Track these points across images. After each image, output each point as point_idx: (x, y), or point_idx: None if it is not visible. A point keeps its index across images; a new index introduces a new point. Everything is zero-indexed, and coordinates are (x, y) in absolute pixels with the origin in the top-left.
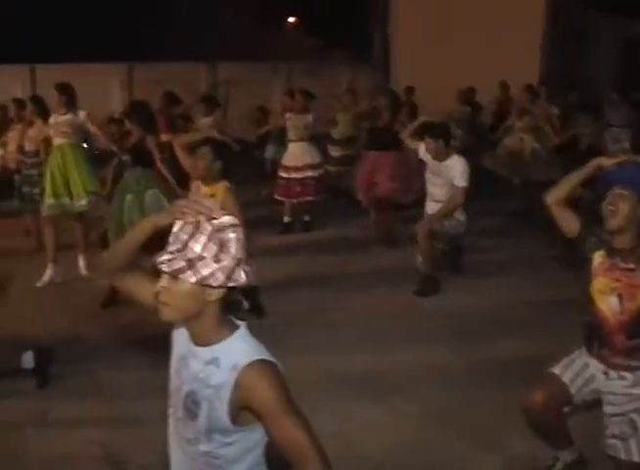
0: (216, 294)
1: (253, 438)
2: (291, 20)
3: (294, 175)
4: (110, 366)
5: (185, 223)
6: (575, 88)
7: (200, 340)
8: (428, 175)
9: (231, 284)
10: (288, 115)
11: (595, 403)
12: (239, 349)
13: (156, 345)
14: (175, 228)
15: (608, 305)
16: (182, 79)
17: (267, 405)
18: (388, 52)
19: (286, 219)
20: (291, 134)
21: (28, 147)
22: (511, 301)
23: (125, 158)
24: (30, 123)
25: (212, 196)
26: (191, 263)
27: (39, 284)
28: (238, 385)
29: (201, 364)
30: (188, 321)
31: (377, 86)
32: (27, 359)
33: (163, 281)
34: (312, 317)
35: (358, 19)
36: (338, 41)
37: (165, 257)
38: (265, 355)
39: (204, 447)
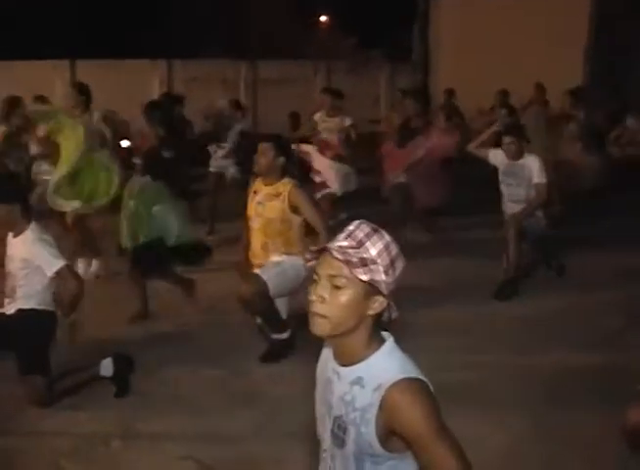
0: (376, 308)
1: (407, 466)
2: (324, 18)
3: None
4: (189, 373)
5: (362, 221)
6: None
7: (346, 359)
8: (502, 177)
9: (391, 302)
10: (317, 115)
11: None
12: (384, 366)
13: (233, 351)
14: (351, 226)
15: None
16: (222, 77)
17: (415, 429)
18: (428, 52)
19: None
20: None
21: None
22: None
23: (138, 162)
24: None
25: (277, 195)
26: (364, 262)
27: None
28: (383, 407)
29: (346, 386)
30: (339, 337)
31: (416, 86)
32: (106, 367)
33: (323, 291)
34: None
35: (398, 18)
36: (377, 40)
37: (338, 245)
38: (413, 373)
39: None
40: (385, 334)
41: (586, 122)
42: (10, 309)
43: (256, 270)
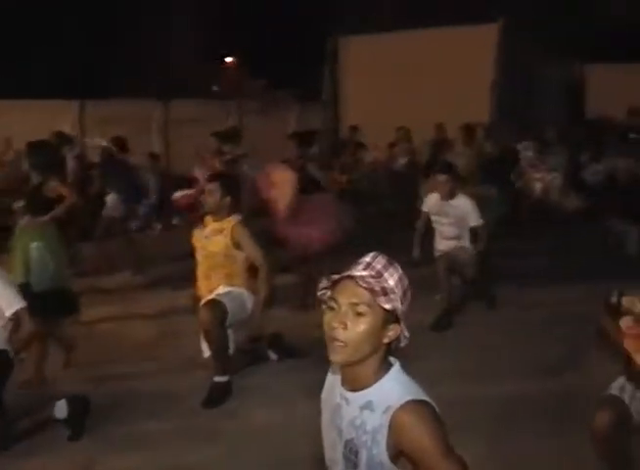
0: (391, 336)
1: None
2: (232, 59)
3: None
4: (147, 415)
5: (377, 253)
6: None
7: (356, 385)
8: (434, 217)
9: (405, 331)
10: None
11: None
12: (392, 389)
13: (190, 393)
14: (367, 258)
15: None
16: (134, 117)
17: (422, 449)
18: (337, 92)
19: None
20: None
21: None
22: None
23: (18, 205)
24: None
25: (221, 231)
26: (385, 291)
27: None
28: (392, 427)
29: (356, 410)
30: (354, 364)
31: (326, 125)
32: (61, 409)
33: (345, 318)
34: None
35: (307, 58)
36: (286, 80)
37: (359, 274)
38: (419, 395)
39: None
40: (391, 359)
41: (489, 157)
42: None
43: (212, 296)
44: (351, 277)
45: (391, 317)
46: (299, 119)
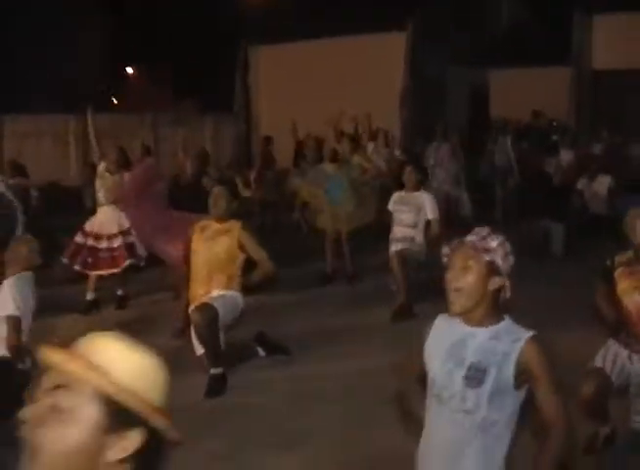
0: (495, 284)
1: (519, 401)
2: (135, 70)
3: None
4: None
5: (484, 227)
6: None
7: (479, 323)
8: (395, 206)
9: (508, 284)
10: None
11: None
12: (516, 327)
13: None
14: (476, 229)
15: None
16: (52, 131)
17: (542, 370)
18: (249, 101)
19: (89, 296)
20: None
21: None
22: None
23: None
24: None
25: (227, 232)
26: (487, 249)
27: None
28: (523, 352)
29: (484, 340)
30: (472, 307)
31: (239, 135)
32: None
33: (458, 273)
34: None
35: (219, 68)
36: (199, 90)
37: (468, 239)
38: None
39: (482, 414)
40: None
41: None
42: None
43: (205, 299)
44: (462, 242)
45: (494, 270)
46: (214, 130)
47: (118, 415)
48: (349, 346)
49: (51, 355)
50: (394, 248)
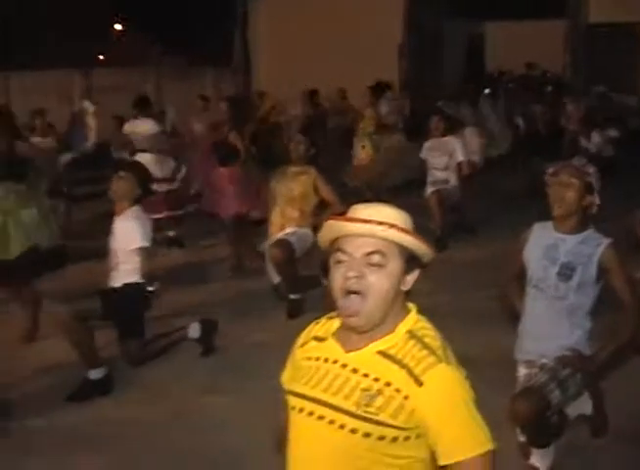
0: (587, 201)
1: (597, 291)
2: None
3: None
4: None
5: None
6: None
7: (569, 230)
8: (427, 153)
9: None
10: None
11: None
12: (597, 235)
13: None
14: (571, 161)
15: None
16: (56, 87)
17: (618, 267)
18: (249, 55)
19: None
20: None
21: None
22: None
23: None
24: None
25: (304, 173)
26: (588, 173)
27: None
28: (603, 254)
29: (574, 245)
30: (568, 216)
31: (238, 90)
32: (194, 329)
33: (562, 196)
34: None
35: (218, 21)
36: (200, 43)
37: (575, 162)
38: None
39: (570, 300)
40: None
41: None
42: (116, 283)
43: (280, 235)
44: (568, 164)
45: (589, 190)
46: (215, 85)
47: (410, 260)
48: None
49: (358, 228)
50: (430, 189)
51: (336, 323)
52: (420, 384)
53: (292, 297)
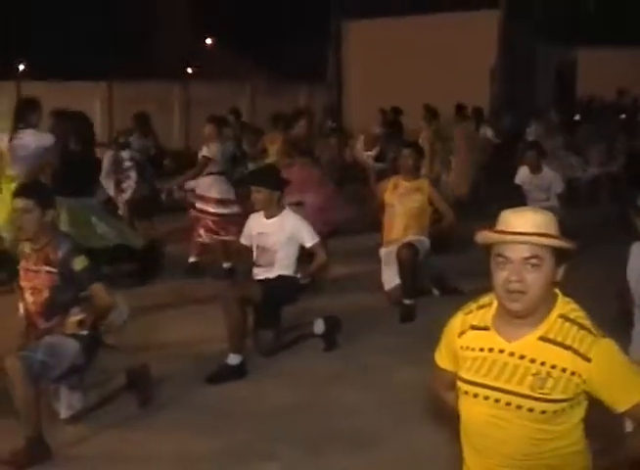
0: None
1: None
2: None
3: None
4: None
5: None
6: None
7: None
8: (526, 186)
9: None
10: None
11: None
12: None
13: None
14: None
15: None
16: (158, 98)
17: None
18: (341, 73)
19: (192, 259)
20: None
21: None
22: None
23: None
24: None
25: (418, 190)
26: None
27: None
28: None
29: None
30: None
31: (331, 105)
32: (319, 326)
33: None
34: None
35: (311, 38)
36: (293, 61)
37: None
38: None
39: None
40: None
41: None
42: (270, 275)
43: (407, 240)
44: None
45: None
46: (308, 99)
47: (559, 256)
48: None
49: (516, 238)
50: None
51: (489, 311)
52: (589, 360)
53: (406, 302)
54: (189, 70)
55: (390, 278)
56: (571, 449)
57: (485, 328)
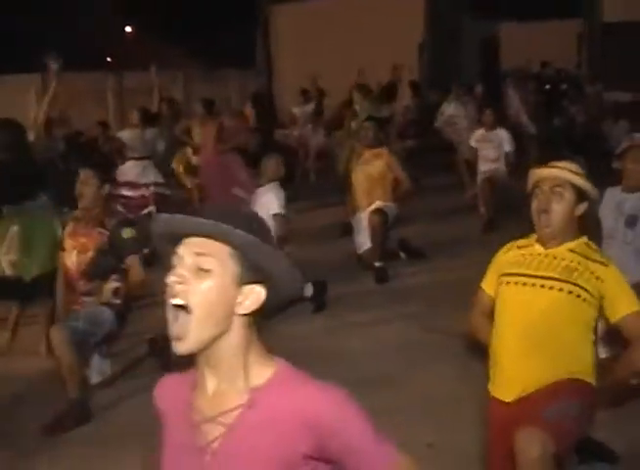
0: None
1: None
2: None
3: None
4: None
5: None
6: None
7: (635, 190)
8: (478, 144)
9: None
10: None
11: None
12: None
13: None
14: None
15: None
16: (91, 88)
17: None
18: (270, 57)
19: None
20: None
21: None
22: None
23: None
24: None
25: (378, 157)
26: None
27: None
28: None
29: (636, 200)
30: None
31: (260, 91)
32: (307, 289)
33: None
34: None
35: (243, 25)
36: (221, 47)
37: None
38: None
39: (636, 244)
40: None
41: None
42: None
43: (374, 206)
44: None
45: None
46: (239, 86)
47: (580, 193)
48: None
49: (544, 171)
50: (482, 177)
51: (532, 239)
52: (606, 265)
53: (377, 264)
54: (108, 59)
55: (362, 242)
56: (582, 345)
57: (529, 245)
